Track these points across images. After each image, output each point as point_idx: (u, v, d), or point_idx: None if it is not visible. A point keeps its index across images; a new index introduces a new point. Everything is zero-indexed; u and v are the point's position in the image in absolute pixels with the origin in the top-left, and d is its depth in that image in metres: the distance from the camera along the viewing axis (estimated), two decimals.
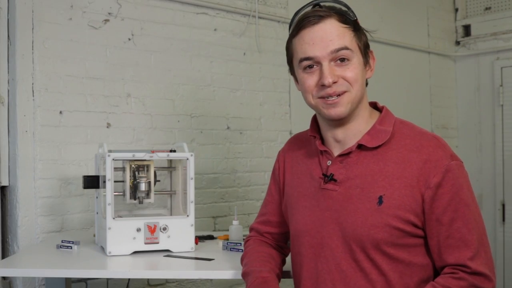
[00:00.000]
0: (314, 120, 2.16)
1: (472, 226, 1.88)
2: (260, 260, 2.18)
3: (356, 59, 1.97)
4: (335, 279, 1.96)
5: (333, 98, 1.95)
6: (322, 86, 1.95)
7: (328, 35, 1.94)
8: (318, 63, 1.96)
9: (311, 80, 1.98)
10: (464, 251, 1.86)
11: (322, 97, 1.97)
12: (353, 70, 1.95)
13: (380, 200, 1.90)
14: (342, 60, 1.95)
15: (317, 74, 1.97)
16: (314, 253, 2.02)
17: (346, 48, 1.94)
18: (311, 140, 2.18)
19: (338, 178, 2.00)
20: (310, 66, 1.98)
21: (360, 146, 2.00)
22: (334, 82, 1.93)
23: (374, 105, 2.12)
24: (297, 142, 2.27)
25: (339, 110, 1.95)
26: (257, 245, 2.30)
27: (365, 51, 2.03)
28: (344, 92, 1.95)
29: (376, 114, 2.08)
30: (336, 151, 2.05)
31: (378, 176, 1.93)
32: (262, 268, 2.12)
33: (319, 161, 2.09)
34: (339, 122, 2.01)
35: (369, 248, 1.90)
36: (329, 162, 2.05)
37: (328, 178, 2.02)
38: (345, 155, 2.01)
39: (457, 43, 6.28)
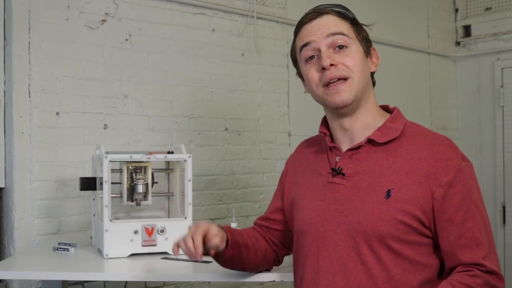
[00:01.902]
0: (325, 119, 2.20)
1: (482, 227, 1.90)
2: (238, 231, 2.23)
3: (355, 46, 2.04)
4: (335, 272, 1.96)
5: (335, 82, 2.00)
6: (322, 70, 2.01)
7: (325, 25, 2.04)
8: (318, 50, 2.03)
9: (313, 69, 2.05)
10: (476, 250, 1.87)
11: (325, 85, 2.02)
12: (352, 56, 2.02)
13: (388, 194, 1.92)
14: (341, 47, 2.02)
15: (318, 62, 2.03)
16: (317, 246, 2.03)
17: (343, 34, 2.03)
18: (320, 141, 2.22)
19: (346, 172, 2.03)
20: (311, 57, 2.05)
21: (369, 142, 2.03)
22: (333, 65, 1.99)
23: (386, 108, 2.17)
24: (306, 144, 2.33)
25: (343, 96, 2.00)
26: (248, 229, 2.35)
27: (366, 43, 2.10)
28: (346, 78, 2.00)
29: (387, 114, 2.13)
30: (345, 147, 2.09)
31: (387, 171, 1.96)
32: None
33: (328, 157, 2.13)
34: (345, 111, 2.05)
35: (373, 241, 1.91)
36: (337, 158, 2.08)
37: (336, 171, 2.04)
38: (354, 149, 2.05)
39: (457, 43, 6.30)
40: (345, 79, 2.00)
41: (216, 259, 2.13)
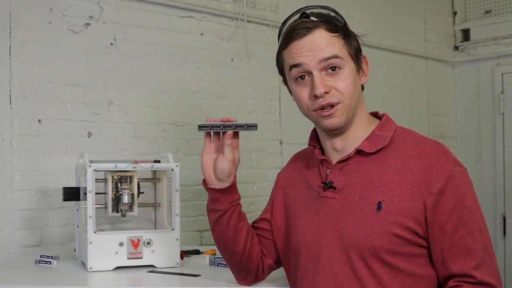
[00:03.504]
0: (314, 131, 2.22)
1: (477, 234, 1.91)
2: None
3: (348, 67, 2.03)
4: None
5: (328, 109, 2.01)
6: (314, 97, 2.01)
7: (316, 45, 2.01)
8: (309, 73, 2.02)
9: (304, 92, 2.05)
10: (468, 260, 1.88)
11: (316, 110, 2.03)
12: (345, 79, 2.01)
13: (379, 206, 1.93)
14: (333, 68, 2.01)
15: (310, 85, 2.02)
16: (313, 262, 2.05)
17: (336, 57, 2.01)
18: (311, 153, 2.24)
19: (338, 185, 2.05)
20: (302, 77, 2.04)
21: (359, 152, 2.05)
22: (326, 92, 1.99)
23: (375, 115, 2.18)
24: (298, 157, 2.36)
25: (335, 121, 2.02)
26: None
27: (357, 57, 2.09)
28: (338, 103, 2.00)
29: (377, 121, 2.14)
30: (335, 159, 2.11)
31: (378, 182, 1.98)
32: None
33: (319, 171, 2.15)
34: (337, 132, 2.07)
35: (367, 256, 1.93)
36: (328, 171, 2.10)
37: (327, 185, 2.06)
38: (344, 161, 2.07)
39: (456, 48, 6.33)
40: (336, 104, 2.01)
41: (217, 202, 2.22)
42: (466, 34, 6.30)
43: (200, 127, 2.15)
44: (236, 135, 2.14)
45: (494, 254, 1.97)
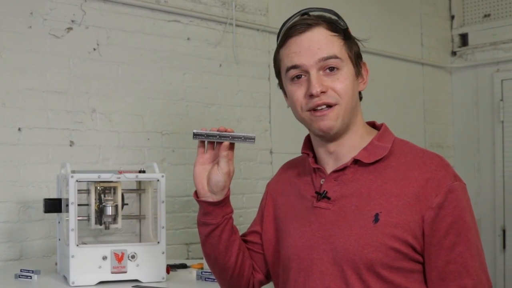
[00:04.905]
0: (308, 139, 2.21)
1: (474, 252, 1.92)
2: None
3: (347, 68, 2.03)
4: None
5: (322, 108, 2.00)
6: (310, 96, 2.00)
7: (315, 44, 2.01)
8: (306, 72, 2.01)
9: (299, 91, 2.03)
10: (465, 279, 1.89)
11: (310, 110, 2.02)
12: (343, 81, 2.01)
13: (376, 218, 1.93)
14: (332, 69, 2.01)
15: (305, 84, 2.02)
16: (304, 276, 2.04)
17: (335, 57, 2.00)
18: (303, 162, 2.23)
19: (332, 195, 2.04)
20: (298, 77, 2.03)
21: (356, 162, 2.04)
22: (323, 92, 1.98)
23: (372, 125, 2.18)
24: (289, 166, 2.34)
25: (329, 123, 2.00)
26: None
27: (357, 61, 2.09)
28: (334, 104, 2.00)
29: (374, 131, 2.14)
30: (329, 168, 2.10)
31: (375, 193, 1.97)
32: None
33: (312, 180, 2.14)
34: (331, 137, 2.06)
35: (361, 269, 1.93)
36: (322, 181, 2.09)
37: (321, 195, 2.05)
38: (340, 171, 2.06)
39: (454, 53, 6.36)
40: (333, 105, 2.00)
41: (210, 215, 2.20)
42: (464, 39, 6.33)
43: (195, 135, 2.13)
44: (232, 146, 2.12)
45: (488, 271, 1.98)
